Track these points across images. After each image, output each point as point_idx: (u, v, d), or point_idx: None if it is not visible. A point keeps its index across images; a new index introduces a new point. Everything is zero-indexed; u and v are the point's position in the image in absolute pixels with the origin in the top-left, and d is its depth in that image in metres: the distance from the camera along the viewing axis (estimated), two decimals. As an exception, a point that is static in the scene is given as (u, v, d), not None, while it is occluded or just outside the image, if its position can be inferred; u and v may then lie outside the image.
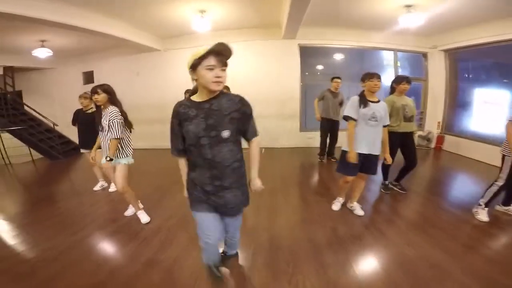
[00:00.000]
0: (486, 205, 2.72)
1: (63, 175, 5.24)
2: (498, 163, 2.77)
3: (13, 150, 6.11)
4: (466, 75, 6.20)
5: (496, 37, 4.84)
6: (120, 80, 6.43)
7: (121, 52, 6.82)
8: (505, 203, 2.84)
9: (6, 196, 4.12)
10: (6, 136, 6.19)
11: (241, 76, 5.88)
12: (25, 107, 7.00)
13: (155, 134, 6.29)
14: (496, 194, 2.70)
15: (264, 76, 6.42)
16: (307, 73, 6.85)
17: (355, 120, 2.56)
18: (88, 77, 7.47)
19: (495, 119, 5.09)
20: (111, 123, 2.49)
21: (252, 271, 1.94)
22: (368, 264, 2.04)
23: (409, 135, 3.33)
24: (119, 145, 2.61)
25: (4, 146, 6.03)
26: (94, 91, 2.59)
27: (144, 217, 2.82)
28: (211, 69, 1.19)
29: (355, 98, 2.62)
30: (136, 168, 3.01)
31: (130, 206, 2.97)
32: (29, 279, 1.89)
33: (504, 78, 5.33)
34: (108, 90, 2.60)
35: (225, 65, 1.24)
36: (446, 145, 6.23)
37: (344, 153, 2.67)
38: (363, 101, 2.56)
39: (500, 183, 2.67)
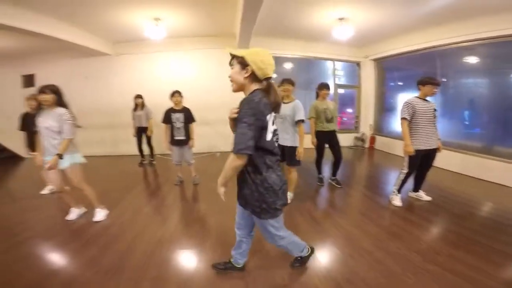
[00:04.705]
0: (398, 191, 3.29)
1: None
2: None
3: None
4: (391, 82, 7.19)
5: (417, 46, 5.59)
6: (66, 84, 5.97)
7: (68, 55, 6.48)
8: (414, 189, 3.47)
9: None
10: None
11: (197, 84, 6.14)
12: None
13: (105, 140, 6.18)
14: (404, 181, 3.24)
15: (220, 84, 6.61)
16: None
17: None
18: (28, 80, 6.91)
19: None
20: (66, 125, 2.60)
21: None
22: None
23: (333, 133, 3.90)
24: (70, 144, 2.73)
25: None
26: (42, 90, 2.59)
27: (99, 215, 2.94)
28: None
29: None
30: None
31: (73, 209, 3.03)
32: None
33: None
34: (56, 90, 2.64)
35: (230, 64, 1.54)
36: (377, 145, 7.21)
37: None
38: None
39: (405, 170, 3.21)
